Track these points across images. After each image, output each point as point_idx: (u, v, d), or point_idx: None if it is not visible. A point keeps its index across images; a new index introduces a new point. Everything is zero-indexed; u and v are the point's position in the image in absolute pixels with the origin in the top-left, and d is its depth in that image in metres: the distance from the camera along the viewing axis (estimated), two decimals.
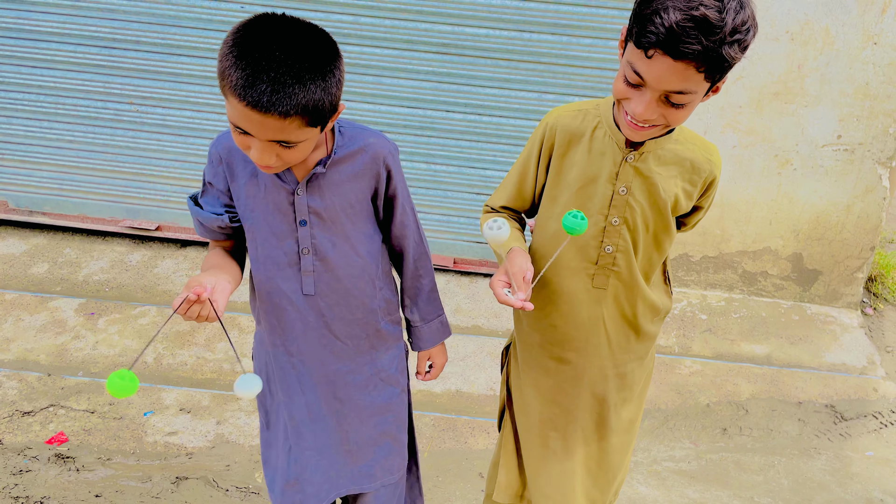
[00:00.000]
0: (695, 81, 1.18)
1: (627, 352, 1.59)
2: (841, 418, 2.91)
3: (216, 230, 1.44)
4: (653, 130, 1.30)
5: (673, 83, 1.19)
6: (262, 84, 1.11)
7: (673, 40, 1.13)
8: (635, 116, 1.26)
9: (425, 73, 3.24)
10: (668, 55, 1.15)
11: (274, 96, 1.12)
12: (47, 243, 3.60)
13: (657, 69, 1.18)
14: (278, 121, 1.15)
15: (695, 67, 1.16)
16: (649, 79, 1.20)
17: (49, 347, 2.92)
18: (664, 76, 1.18)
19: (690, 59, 1.14)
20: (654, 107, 1.23)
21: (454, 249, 3.62)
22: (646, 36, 1.16)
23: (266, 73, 1.11)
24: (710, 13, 1.12)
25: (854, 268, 3.49)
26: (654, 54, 1.16)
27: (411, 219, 1.53)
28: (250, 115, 1.14)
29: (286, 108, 1.13)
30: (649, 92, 1.22)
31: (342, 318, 1.48)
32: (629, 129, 1.31)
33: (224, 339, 3.03)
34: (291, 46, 1.13)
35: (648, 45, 1.16)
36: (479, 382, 2.95)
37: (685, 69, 1.16)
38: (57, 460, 2.42)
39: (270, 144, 1.20)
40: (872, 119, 3.17)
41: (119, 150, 3.52)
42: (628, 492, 2.48)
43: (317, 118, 1.19)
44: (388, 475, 1.67)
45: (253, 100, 1.12)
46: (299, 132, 1.19)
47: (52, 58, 3.35)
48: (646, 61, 1.18)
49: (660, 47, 1.15)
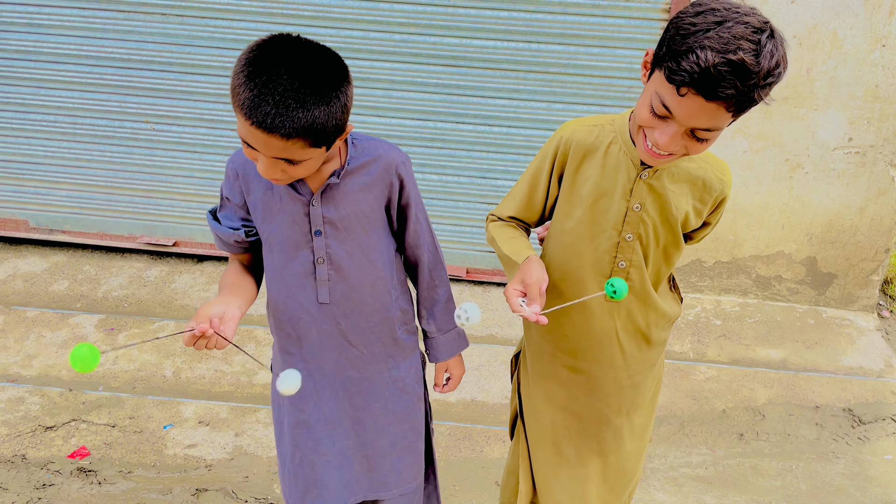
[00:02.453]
0: (723, 120, 1.19)
1: (640, 361, 1.60)
2: (859, 422, 2.90)
3: (234, 244, 1.48)
4: (670, 158, 1.30)
5: (702, 121, 1.18)
6: (267, 106, 1.15)
7: (708, 82, 1.12)
8: (658, 147, 1.25)
9: (435, 85, 3.28)
10: (700, 95, 1.14)
11: (277, 119, 1.16)
12: (67, 260, 3.66)
13: (688, 107, 1.17)
14: (281, 141, 1.19)
15: (725, 108, 1.16)
16: (679, 115, 1.19)
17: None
18: (694, 115, 1.18)
19: (723, 100, 1.14)
20: (678, 140, 1.23)
21: (467, 259, 3.64)
22: (679, 74, 1.14)
23: (272, 95, 1.15)
24: (747, 58, 1.10)
25: (869, 270, 3.47)
26: (686, 93, 1.16)
27: (425, 228, 1.56)
28: (256, 134, 1.19)
29: (288, 131, 1.17)
30: (675, 125, 1.21)
31: (357, 326, 1.50)
32: (648, 155, 1.31)
33: (241, 353, 3.07)
34: (299, 70, 1.17)
35: (682, 82, 1.15)
36: (494, 391, 2.96)
37: (716, 109, 1.16)
38: (79, 474, 2.46)
39: (275, 161, 1.24)
40: (883, 121, 3.17)
41: (136, 167, 3.58)
42: (645, 498, 2.48)
43: (320, 140, 1.23)
44: (406, 483, 1.69)
45: (257, 120, 1.16)
46: (302, 152, 1.23)
47: (69, 79, 3.42)
48: (677, 98, 1.17)
49: (693, 87, 1.14)
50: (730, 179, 1.46)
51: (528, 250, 1.46)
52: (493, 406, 2.88)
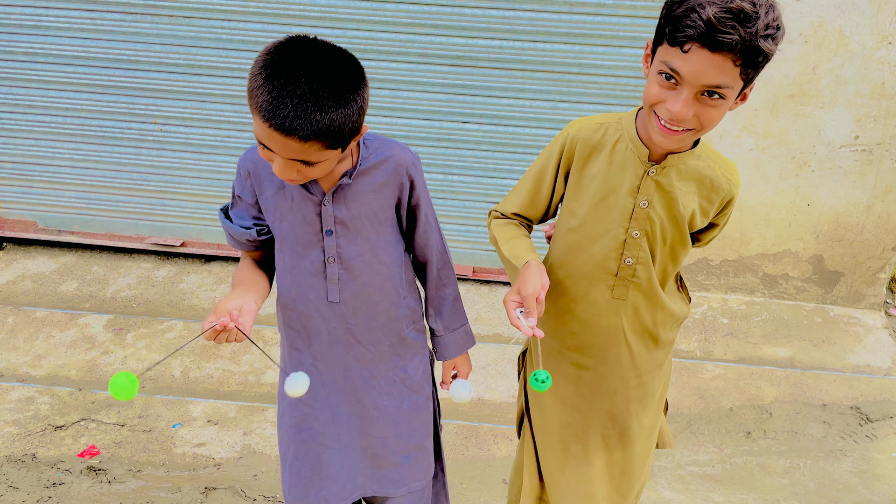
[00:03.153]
0: (731, 76, 1.20)
1: (648, 361, 1.60)
2: (866, 420, 2.89)
3: (245, 242, 1.49)
4: (686, 135, 1.30)
5: (710, 77, 1.20)
6: (286, 109, 1.16)
7: (711, 31, 1.15)
8: (672, 115, 1.25)
9: (441, 85, 3.29)
10: (705, 48, 1.17)
11: (295, 122, 1.17)
12: (76, 261, 3.69)
13: (695, 63, 1.19)
14: (299, 143, 1.20)
15: (732, 60, 1.18)
16: (686, 73, 1.21)
17: (79, 363, 2.99)
18: (702, 70, 1.19)
19: (728, 49, 1.16)
20: (690, 104, 1.24)
21: (473, 258, 3.65)
22: (682, 31, 1.18)
23: (290, 98, 1.16)
24: (745, 5, 1.15)
25: (876, 268, 3.47)
26: (690, 48, 1.18)
27: (434, 229, 1.57)
28: (273, 136, 1.20)
29: (306, 133, 1.19)
30: (686, 89, 1.22)
31: (366, 324, 1.51)
32: (662, 134, 1.30)
33: (249, 352, 3.08)
34: (317, 73, 1.18)
35: (686, 39, 1.18)
36: (500, 390, 2.96)
37: (723, 62, 1.18)
38: (89, 473, 2.48)
39: (291, 162, 1.25)
40: (890, 119, 3.16)
41: (143, 168, 3.60)
42: (653, 496, 2.48)
43: (336, 142, 1.25)
44: (414, 481, 1.69)
45: (276, 123, 1.17)
46: (319, 154, 1.24)
47: (77, 80, 3.44)
48: (682, 57, 1.20)
49: (698, 41, 1.17)
50: (738, 180, 1.46)
51: (528, 253, 1.46)
52: (501, 405, 2.89)
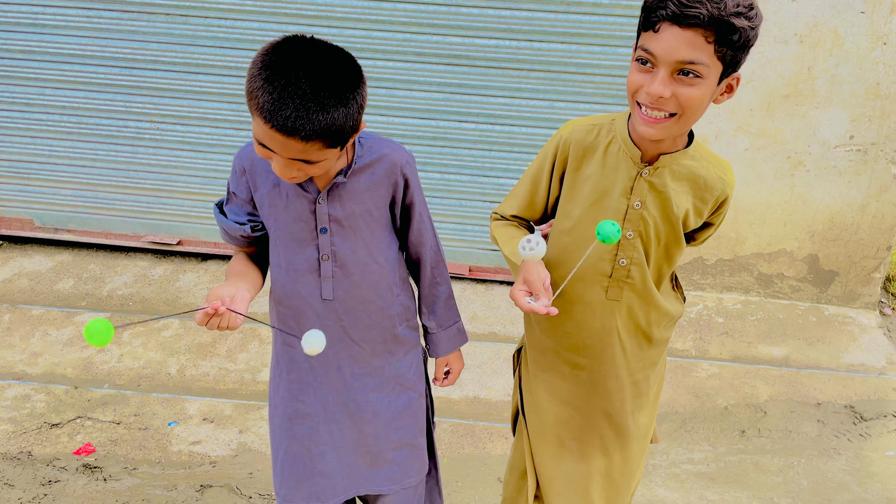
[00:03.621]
0: (705, 52, 1.21)
1: (641, 360, 1.60)
2: (860, 418, 2.90)
3: (239, 238, 1.50)
4: (668, 123, 1.29)
5: (682, 52, 1.21)
6: (287, 109, 1.17)
7: (679, 7, 1.18)
8: (650, 96, 1.26)
9: (437, 84, 3.29)
10: (675, 24, 1.19)
11: (298, 122, 1.18)
12: (72, 259, 3.69)
13: (667, 40, 1.21)
14: (300, 143, 1.21)
15: (703, 37, 1.19)
16: (659, 51, 1.22)
17: (75, 361, 2.99)
18: (674, 46, 1.21)
19: (697, 24, 1.18)
20: (667, 82, 1.24)
21: (469, 257, 3.65)
22: (654, 14, 1.21)
23: (292, 99, 1.17)
24: None
25: (871, 268, 3.48)
26: (661, 27, 1.21)
27: (428, 227, 1.57)
28: (274, 136, 1.21)
29: (308, 133, 1.19)
30: (661, 68, 1.24)
31: (360, 322, 1.52)
32: (644, 123, 1.30)
33: (245, 350, 3.09)
34: (317, 72, 1.19)
35: (657, 19, 1.21)
36: (496, 388, 2.97)
37: (693, 37, 1.19)
38: (85, 471, 2.48)
39: (292, 161, 1.26)
40: (884, 119, 3.17)
41: (140, 167, 3.60)
42: (647, 494, 2.49)
43: (337, 140, 1.26)
44: (408, 478, 1.70)
45: (278, 124, 1.18)
46: (320, 153, 1.25)
47: (73, 78, 3.44)
48: (655, 37, 1.23)
49: (668, 19, 1.20)
50: (732, 180, 1.46)
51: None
52: (496, 403, 2.90)
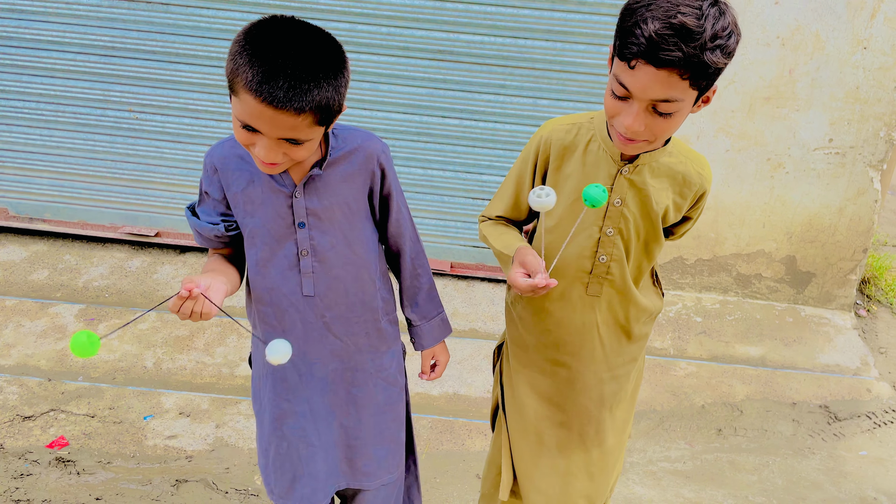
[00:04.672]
0: (679, 89, 1.19)
1: (621, 355, 1.62)
2: (835, 418, 2.94)
3: (213, 239, 1.47)
4: (643, 145, 1.32)
5: (657, 92, 1.20)
6: (280, 80, 1.14)
7: (653, 49, 1.14)
8: (625, 129, 1.26)
9: (421, 79, 3.28)
10: (650, 64, 1.16)
11: (291, 92, 1.15)
12: (47, 250, 3.63)
13: (641, 79, 1.19)
14: (292, 117, 1.17)
15: (678, 75, 1.17)
16: (634, 89, 1.21)
17: (49, 353, 2.95)
18: (648, 85, 1.19)
19: (672, 66, 1.15)
20: (642, 118, 1.24)
21: (451, 254, 3.65)
22: (627, 47, 1.18)
23: (283, 69, 1.14)
24: (688, 20, 1.13)
25: (847, 270, 3.52)
26: (636, 64, 1.18)
27: (406, 217, 1.57)
28: (264, 112, 1.16)
29: (301, 105, 1.16)
30: (636, 103, 1.23)
31: (342, 317, 1.50)
32: (621, 143, 1.33)
33: (223, 344, 3.06)
34: (305, 45, 1.17)
35: (631, 55, 1.18)
36: (476, 385, 2.97)
37: (668, 77, 1.17)
38: (58, 464, 2.44)
39: (278, 142, 1.22)
40: (863, 123, 3.21)
41: (118, 157, 3.55)
42: (624, 492, 2.50)
43: (326, 117, 1.23)
44: (387, 474, 1.69)
45: (270, 96, 1.14)
46: (309, 130, 1.22)
47: (51, 66, 3.38)
48: (630, 72, 1.20)
49: (641, 57, 1.16)
50: (709, 174, 1.48)
51: (519, 242, 1.49)
52: (476, 400, 2.90)
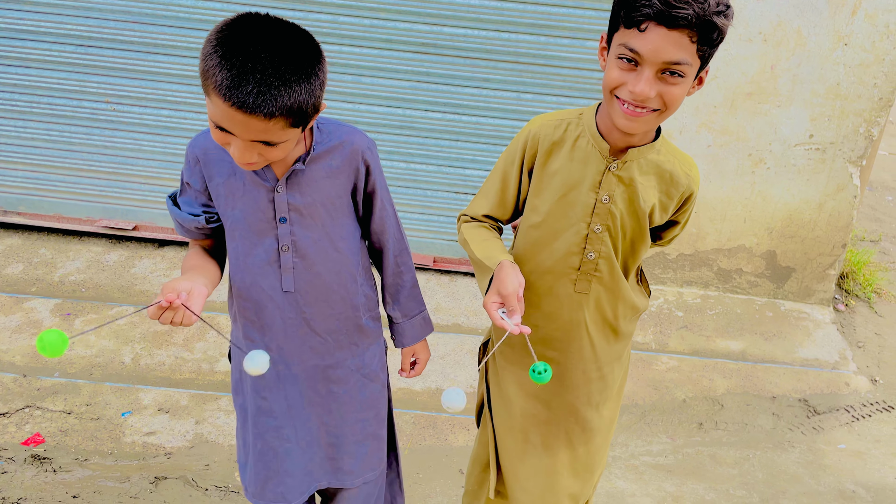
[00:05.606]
0: (689, 52, 1.22)
1: (608, 353, 1.61)
2: (814, 412, 2.97)
3: (194, 230, 1.45)
4: (650, 117, 1.30)
5: (670, 53, 1.22)
6: (248, 85, 1.11)
7: (667, 8, 1.17)
8: (635, 95, 1.26)
9: (404, 72, 3.25)
10: (662, 25, 1.19)
11: (259, 98, 1.12)
12: (22, 243, 3.56)
13: (653, 41, 1.21)
14: (262, 122, 1.15)
15: (688, 37, 1.20)
16: (646, 52, 1.22)
17: (24, 348, 2.89)
18: (661, 47, 1.21)
19: (685, 25, 1.18)
20: (652, 82, 1.25)
21: (434, 248, 3.63)
22: (638, 11, 1.20)
23: (252, 74, 1.11)
24: None
25: (826, 265, 3.55)
26: (647, 26, 1.20)
27: (391, 214, 1.54)
28: (234, 116, 1.15)
29: (271, 110, 1.14)
30: (647, 68, 1.24)
31: (322, 314, 1.48)
32: (626, 117, 1.31)
33: (203, 339, 3.02)
34: (277, 48, 1.14)
35: (643, 17, 1.20)
36: (459, 380, 2.96)
37: (679, 38, 1.20)
38: (33, 461, 2.40)
39: (252, 144, 1.20)
40: (843, 119, 3.23)
41: (95, 149, 3.49)
42: (606, 486, 2.51)
43: (300, 119, 1.20)
44: (369, 471, 1.68)
45: (238, 101, 1.12)
46: (282, 133, 1.20)
47: (26, 56, 3.31)
48: (640, 36, 1.22)
49: (654, 19, 1.19)
50: (697, 176, 1.47)
51: (501, 254, 1.46)
52: None
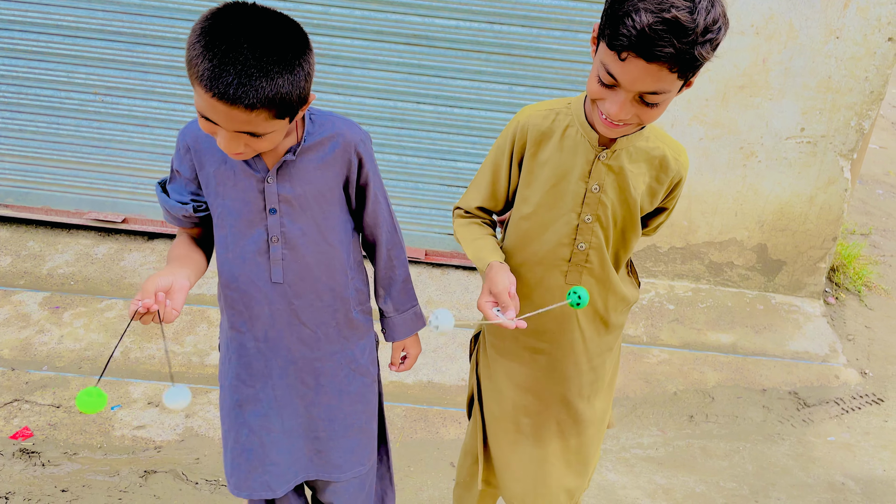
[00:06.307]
0: (668, 81, 1.19)
1: (599, 345, 1.61)
2: (804, 405, 2.99)
3: (182, 218, 1.44)
4: (627, 128, 1.31)
5: (647, 84, 1.19)
6: (229, 76, 1.11)
7: (645, 43, 1.12)
8: (610, 117, 1.26)
9: (396, 64, 3.23)
10: (641, 58, 1.15)
11: (240, 89, 1.11)
12: (10, 236, 3.53)
13: (631, 71, 1.18)
14: (244, 113, 1.15)
15: (668, 68, 1.16)
16: (623, 81, 1.20)
17: (13, 342, 2.87)
18: (638, 78, 1.18)
19: (664, 61, 1.14)
20: (628, 107, 1.23)
21: (425, 241, 3.62)
22: (618, 38, 1.15)
23: (233, 65, 1.11)
24: (681, 15, 1.11)
25: (817, 258, 3.57)
26: (627, 57, 1.16)
27: (384, 208, 1.53)
28: (217, 106, 1.14)
29: (252, 101, 1.13)
30: (623, 93, 1.22)
31: (311, 306, 1.47)
32: (604, 126, 1.31)
33: (193, 333, 3.00)
34: (260, 38, 1.13)
35: (621, 47, 1.15)
36: (450, 373, 2.96)
37: (658, 70, 1.16)
38: (22, 455, 2.38)
39: (237, 135, 1.20)
40: (835, 112, 3.24)
41: (84, 140, 3.46)
42: (598, 479, 2.51)
43: (284, 110, 1.19)
44: (359, 465, 1.67)
45: (219, 92, 1.12)
46: (266, 124, 1.19)
47: (14, 47, 3.27)
48: (619, 63, 1.18)
49: (633, 50, 1.14)
50: (686, 161, 1.47)
51: (491, 255, 1.46)
52: (450, 388, 2.89)
